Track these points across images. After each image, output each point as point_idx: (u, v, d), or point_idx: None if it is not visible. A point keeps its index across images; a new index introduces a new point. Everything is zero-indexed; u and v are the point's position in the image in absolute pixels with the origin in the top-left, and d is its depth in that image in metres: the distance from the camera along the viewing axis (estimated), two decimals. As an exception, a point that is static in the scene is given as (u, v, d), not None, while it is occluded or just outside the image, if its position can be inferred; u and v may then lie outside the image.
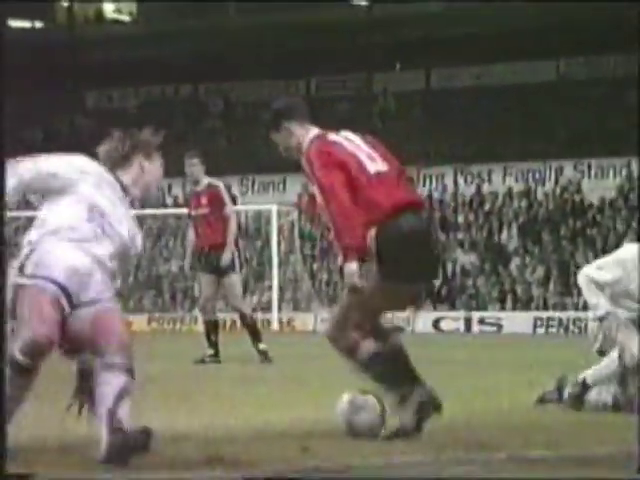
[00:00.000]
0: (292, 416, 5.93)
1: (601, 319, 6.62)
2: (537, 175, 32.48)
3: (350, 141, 5.37)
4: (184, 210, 11.57)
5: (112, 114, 39.16)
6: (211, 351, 11.41)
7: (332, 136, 5.38)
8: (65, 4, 41.69)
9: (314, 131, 5.38)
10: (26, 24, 42.17)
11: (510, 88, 34.97)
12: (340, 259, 5.21)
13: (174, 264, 30.46)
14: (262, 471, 4.30)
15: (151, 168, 4.79)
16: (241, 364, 10.98)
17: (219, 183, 11.77)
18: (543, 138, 32.49)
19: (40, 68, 37.67)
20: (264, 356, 11.25)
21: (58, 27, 41.66)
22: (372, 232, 5.13)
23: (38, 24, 42.48)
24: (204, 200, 11.52)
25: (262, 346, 11.37)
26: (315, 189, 5.22)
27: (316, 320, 28.94)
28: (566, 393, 6.80)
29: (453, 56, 35.55)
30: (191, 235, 11.90)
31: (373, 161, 5.32)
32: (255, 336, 11.42)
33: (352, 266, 5.12)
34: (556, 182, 32.10)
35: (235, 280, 11.59)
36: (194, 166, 11.55)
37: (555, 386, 6.92)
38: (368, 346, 5.26)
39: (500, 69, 35.95)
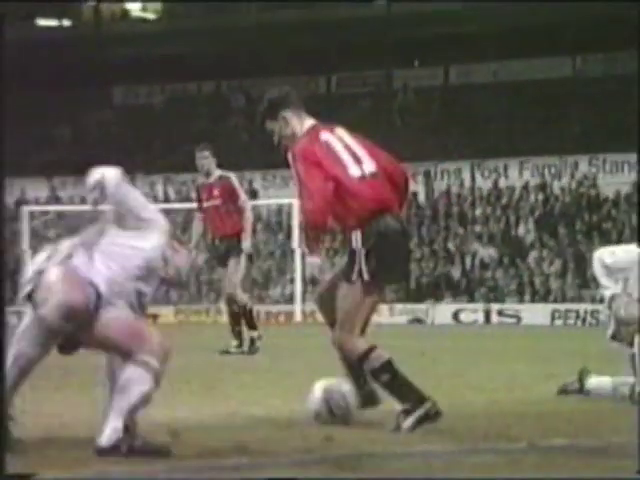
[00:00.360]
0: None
1: (610, 300, 6.66)
2: (553, 170, 32.36)
3: (340, 141, 5.33)
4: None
5: (139, 110, 39.25)
6: (236, 342, 11.41)
7: (323, 134, 5.33)
8: (92, 3, 41.79)
9: (309, 122, 5.36)
10: (54, 23, 42.32)
11: (527, 84, 34.84)
12: (305, 250, 5.27)
13: (200, 257, 30.49)
14: (287, 459, 4.30)
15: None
16: (268, 355, 10.99)
17: (230, 175, 11.65)
18: (559, 133, 32.35)
19: (68, 66, 37.79)
20: (251, 344, 11.21)
21: (85, 25, 41.75)
22: (357, 234, 5.15)
23: (66, 22, 42.60)
24: (216, 192, 11.43)
25: (254, 334, 11.31)
26: (295, 182, 5.26)
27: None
28: (587, 385, 6.79)
29: (471, 53, 35.44)
30: (197, 227, 11.76)
31: (359, 163, 5.29)
32: (250, 322, 11.38)
33: (314, 260, 5.14)
34: (572, 177, 31.97)
35: (233, 265, 11.32)
36: (205, 159, 11.49)
37: (577, 378, 6.91)
38: (379, 353, 5.26)
39: (517, 65, 35.81)
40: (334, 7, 36.73)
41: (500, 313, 27.88)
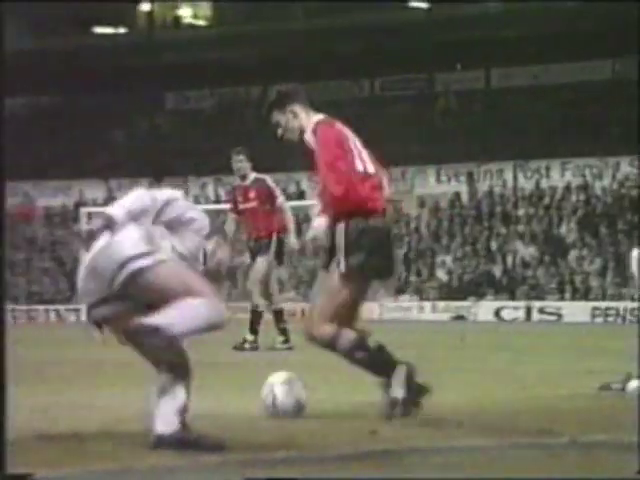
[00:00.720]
0: (361, 400, 5.92)
1: None
2: (594, 170, 32.06)
3: (350, 135, 5.41)
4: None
5: (190, 114, 39.48)
6: (282, 338, 11.42)
7: (337, 124, 5.39)
8: (145, 10, 42.12)
9: (318, 116, 5.39)
10: (109, 30, 42.71)
11: (567, 87, 34.56)
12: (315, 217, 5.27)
13: (247, 256, 30.60)
14: (333, 453, 4.29)
15: None
16: (311, 350, 10.99)
17: (266, 177, 11.63)
18: (599, 135, 32.05)
19: (122, 71, 38.12)
20: (251, 345, 11.22)
21: (139, 32, 42.09)
22: (341, 227, 5.16)
23: (121, 30, 42.98)
24: (252, 194, 11.42)
25: (249, 337, 11.32)
26: (317, 163, 5.26)
27: (381, 309, 28.93)
28: (629, 387, 6.71)
29: (512, 56, 35.24)
30: (230, 227, 11.72)
31: (362, 161, 5.34)
32: (251, 325, 11.39)
33: (321, 221, 5.17)
34: (613, 177, 31.66)
35: (260, 263, 11.33)
36: (241, 162, 11.49)
37: (623, 379, 6.80)
38: (348, 335, 5.24)
39: (557, 69, 35.53)
40: (378, 12, 36.69)
41: (541, 311, 27.69)
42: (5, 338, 3.47)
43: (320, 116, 5.40)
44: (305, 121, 5.32)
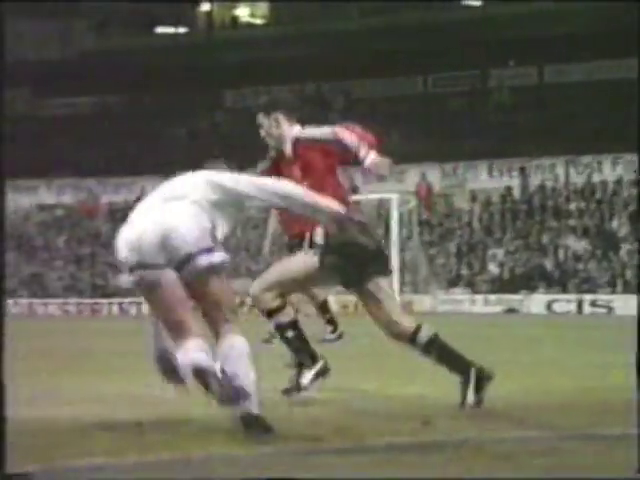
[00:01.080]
0: (414, 392, 5.89)
1: None
2: (647, 165, 31.61)
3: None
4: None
5: (247, 112, 39.65)
6: (330, 327, 11.38)
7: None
8: (205, 10, 42.38)
9: (298, 128, 5.55)
10: (171, 30, 43.06)
11: (619, 83, 34.07)
12: (363, 155, 5.27)
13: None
14: (386, 443, 4.27)
15: None
16: (364, 342, 10.97)
17: None
18: (652, 130, 31.53)
19: (182, 70, 38.40)
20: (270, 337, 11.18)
21: (198, 32, 42.37)
22: (321, 232, 5.40)
23: (181, 30, 43.31)
24: None
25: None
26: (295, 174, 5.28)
27: (433, 301, 28.81)
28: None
29: (565, 52, 34.86)
30: (273, 223, 11.60)
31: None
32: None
33: (374, 156, 5.36)
34: (666, 172, 31.17)
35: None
36: None
37: None
38: (288, 313, 5.37)
39: (610, 65, 35.06)
40: (430, 10, 36.54)
41: (593, 304, 27.37)
42: (5, 338, 3.47)
43: (299, 128, 5.53)
44: (287, 132, 5.40)
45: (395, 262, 27.87)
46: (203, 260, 4.34)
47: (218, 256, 4.37)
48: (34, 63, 39.63)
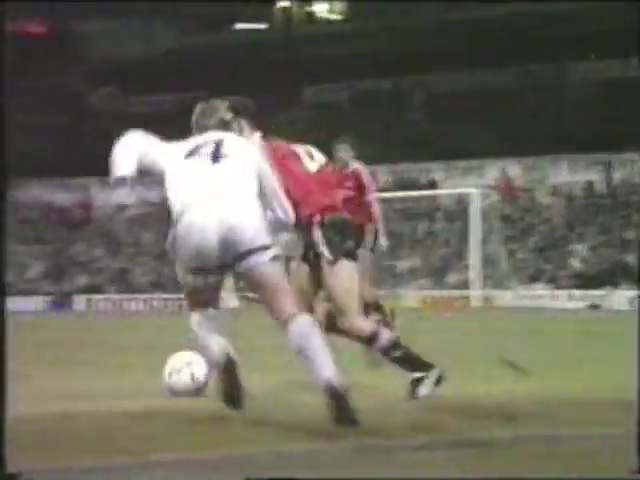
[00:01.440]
0: (495, 388, 5.84)
1: None
2: None
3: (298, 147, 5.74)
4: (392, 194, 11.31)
5: (327, 107, 39.70)
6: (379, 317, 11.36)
7: (274, 144, 5.68)
8: (283, 6, 42.57)
9: (258, 134, 5.68)
10: (250, 26, 43.38)
11: None
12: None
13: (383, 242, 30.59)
14: (466, 438, 4.23)
15: None
16: (443, 337, 10.90)
17: (362, 168, 11.41)
18: None
19: (261, 66, 38.64)
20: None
21: (277, 28, 42.58)
22: (317, 218, 5.32)
23: (260, 26, 43.60)
24: (349, 184, 11.29)
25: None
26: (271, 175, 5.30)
27: (512, 296, 28.50)
28: None
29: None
30: None
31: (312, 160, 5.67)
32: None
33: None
34: None
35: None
36: (344, 151, 11.34)
37: None
38: (385, 334, 5.34)
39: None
40: (504, 6, 36.19)
41: (677, 300, 26.75)
42: (5, 338, 3.46)
43: (259, 134, 5.66)
44: (249, 137, 5.59)
45: (476, 257, 27.69)
46: (261, 257, 4.44)
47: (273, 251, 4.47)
48: (119, 62, 40.30)
